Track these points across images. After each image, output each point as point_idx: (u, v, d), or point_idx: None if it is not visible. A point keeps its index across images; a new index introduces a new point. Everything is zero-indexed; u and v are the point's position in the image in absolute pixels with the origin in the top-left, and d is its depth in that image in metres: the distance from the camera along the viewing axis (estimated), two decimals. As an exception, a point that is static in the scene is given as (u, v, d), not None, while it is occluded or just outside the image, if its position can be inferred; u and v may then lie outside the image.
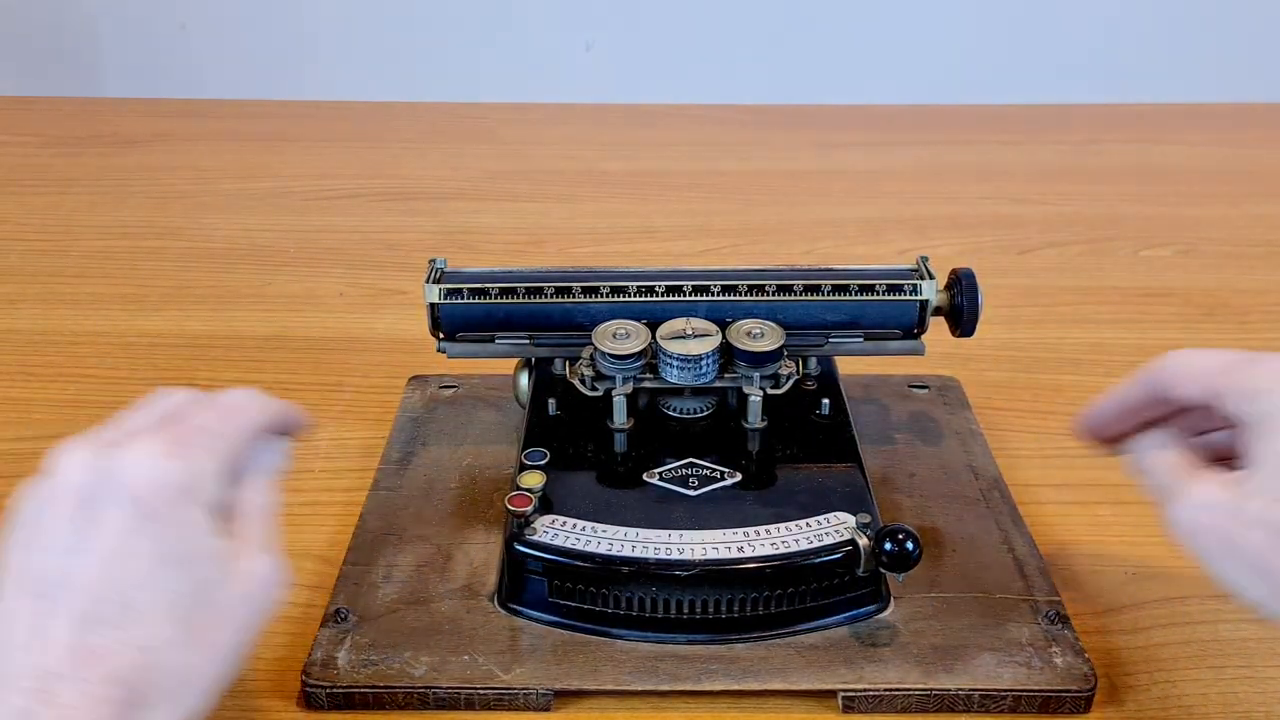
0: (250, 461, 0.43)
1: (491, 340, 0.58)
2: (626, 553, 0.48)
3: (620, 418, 0.55)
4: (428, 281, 0.57)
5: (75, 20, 1.50)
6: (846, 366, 0.63)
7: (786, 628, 0.48)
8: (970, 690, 0.46)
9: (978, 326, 0.58)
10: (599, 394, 0.55)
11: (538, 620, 0.49)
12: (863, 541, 0.48)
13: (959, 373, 0.70)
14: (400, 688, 0.46)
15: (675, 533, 0.49)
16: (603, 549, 0.48)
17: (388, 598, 0.51)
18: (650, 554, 0.48)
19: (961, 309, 0.58)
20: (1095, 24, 1.47)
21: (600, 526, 0.49)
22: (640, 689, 0.46)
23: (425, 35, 1.49)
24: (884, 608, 0.50)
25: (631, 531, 0.49)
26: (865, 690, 0.46)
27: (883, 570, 0.48)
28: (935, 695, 0.46)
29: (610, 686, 0.47)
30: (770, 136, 1.24)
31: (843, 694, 0.46)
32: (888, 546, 0.47)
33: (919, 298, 0.57)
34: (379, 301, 0.84)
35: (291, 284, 0.86)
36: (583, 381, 0.55)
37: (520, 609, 0.49)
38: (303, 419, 0.46)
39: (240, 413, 0.43)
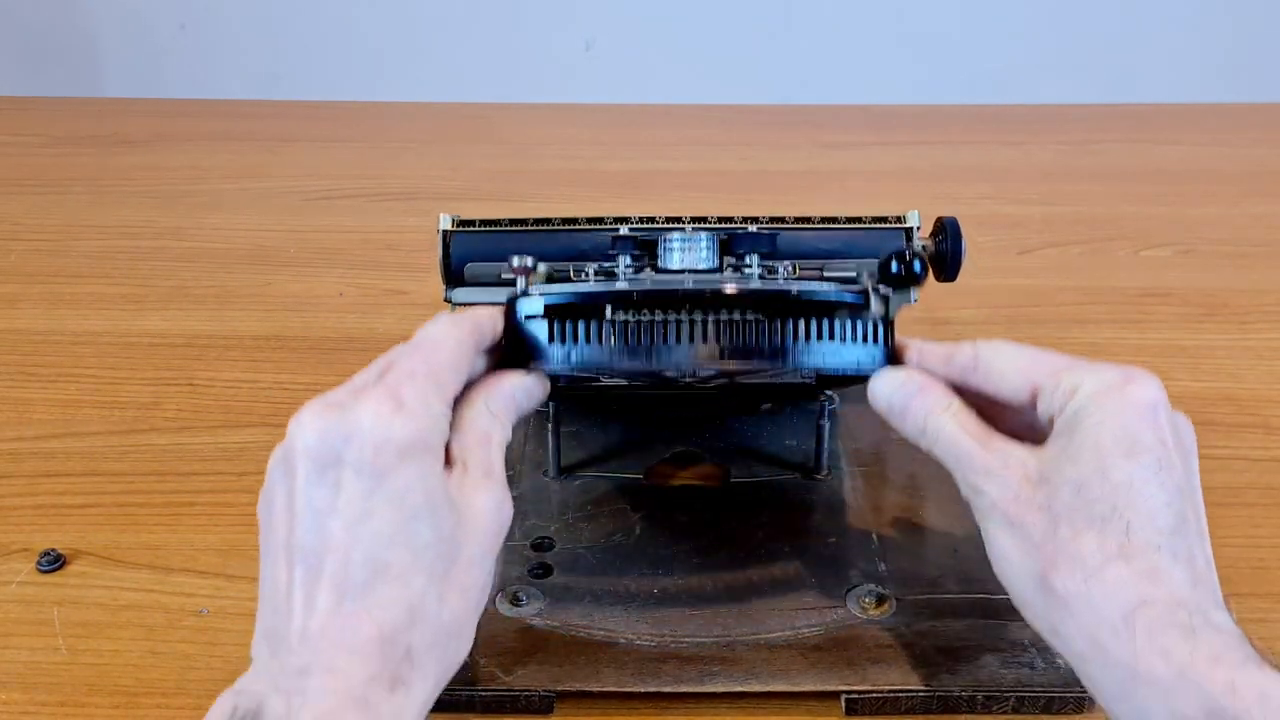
0: (462, 383, 0.43)
1: (497, 279, 0.58)
2: (629, 286, 0.46)
3: (623, 286, 0.53)
4: (441, 215, 0.59)
5: (75, 20, 1.51)
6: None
7: (789, 364, 0.46)
8: (973, 691, 0.46)
9: (960, 273, 0.59)
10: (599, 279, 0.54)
11: (536, 371, 0.46)
12: (869, 283, 0.47)
13: (960, 373, 0.70)
14: (402, 689, 0.46)
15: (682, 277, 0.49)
16: (604, 288, 0.47)
17: (389, 598, 0.51)
18: (652, 287, 0.46)
19: (946, 253, 0.59)
20: (1095, 24, 1.47)
21: (603, 286, 0.47)
22: (642, 690, 0.46)
23: (425, 35, 1.49)
24: (889, 360, 0.48)
25: (635, 281, 0.48)
26: (868, 692, 0.46)
27: (897, 277, 0.47)
28: (939, 696, 0.46)
29: (612, 688, 0.46)
30: (770, 136, 1.24)
31: (845, 696, 0.46)
32: (894, 268, 0.47)
33: (905, 225, 0.59)
34: (379, 301, 0.84)
35: (291, 284, 0.86)
36: (583, 275, 0.54)
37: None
38: (496, 326, 0.46)
39: (441, 346, 0.42)
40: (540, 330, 0.46)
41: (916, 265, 0.46)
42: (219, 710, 0.34)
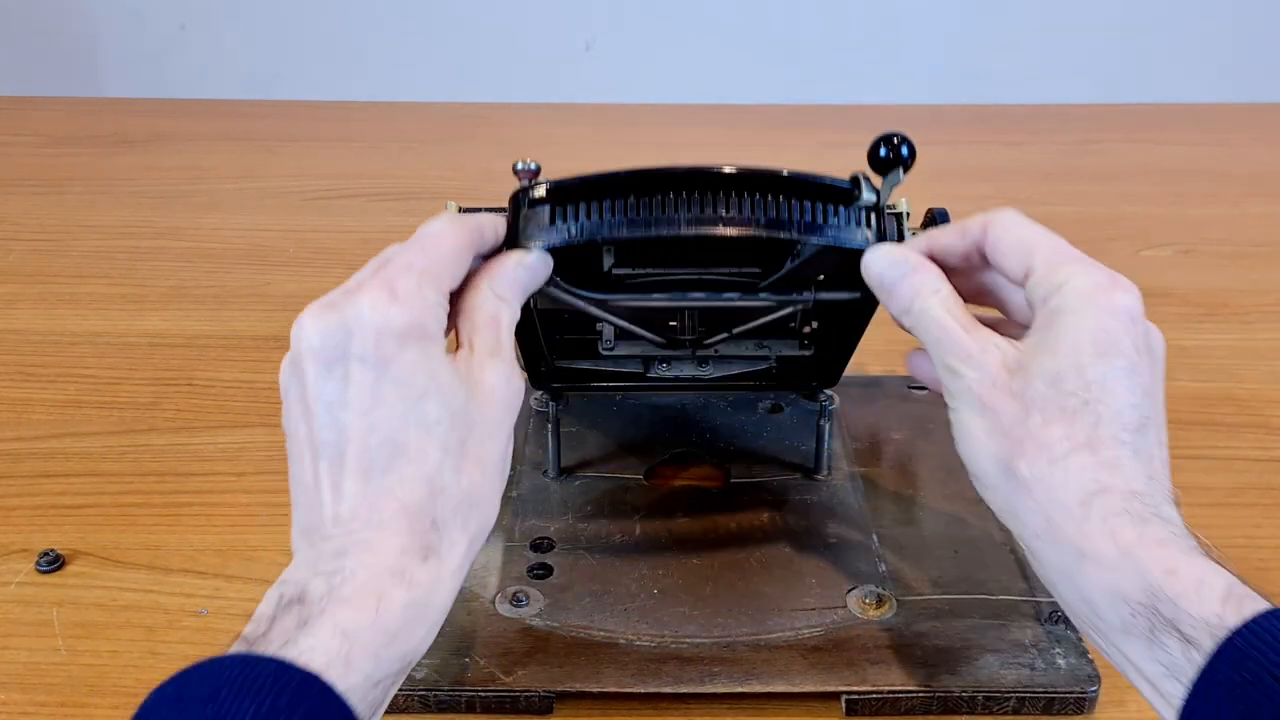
0: (461, 277, 0.44)
1: None
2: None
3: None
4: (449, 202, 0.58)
5: (75, 20, 1.51)
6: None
7: (784, 234, 0.47)
8: (974, 692, 0.46)
9: None
10: None
11: (537, 249, 0.46)
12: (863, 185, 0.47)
13: (960, 373, 0.70)
14: (401, 690, 0.46)
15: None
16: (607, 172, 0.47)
17: (389, 599, 0.51)
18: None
19: None
20: (1095, 24, 1.47)
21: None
22: (643, 691, 0.46)
23: (425, 35, 1.49)
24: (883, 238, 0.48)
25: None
26: (869, 692, 0.46)
27: (885, 160, 0.47)
28: (939, 697, 0.46)
29: (613, 689, 0.46)
30: (770, 136, 1.24)
31: (846, 696, 0.46)
32: (883, 152, 0.47)
33: (895, 210, 0.55)
34: (379, 302, 0.83)
35: (291, 284, 0.86)
36: None
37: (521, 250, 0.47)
38: (498, 230, 0.47)
39: (438, 243, 0.44)
40: (543, 214, 0.46)
41: (904, 149, 0.46)
42: (267, 602, 0.36)
